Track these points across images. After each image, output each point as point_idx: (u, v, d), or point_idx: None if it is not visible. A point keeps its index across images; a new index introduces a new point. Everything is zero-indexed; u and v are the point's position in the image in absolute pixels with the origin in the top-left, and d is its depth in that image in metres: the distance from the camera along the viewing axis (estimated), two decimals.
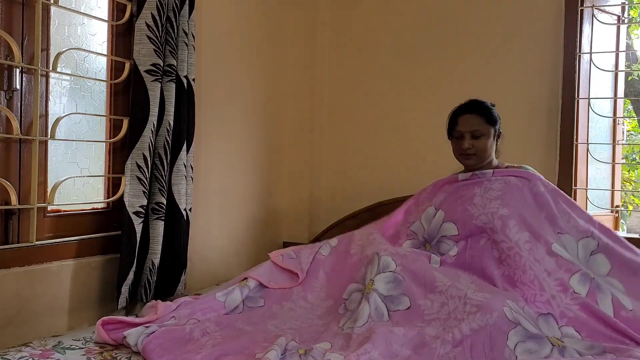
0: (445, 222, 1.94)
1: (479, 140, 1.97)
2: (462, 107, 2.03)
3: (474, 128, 1.96)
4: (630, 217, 2.82)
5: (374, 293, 1.72)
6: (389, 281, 1.76)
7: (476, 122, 1.97)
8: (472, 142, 1.97)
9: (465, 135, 1.97)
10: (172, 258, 2.08)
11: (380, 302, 1.71)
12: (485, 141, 1.98)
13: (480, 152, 1.98)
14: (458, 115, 2.02)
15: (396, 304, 1.72)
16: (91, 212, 2.00)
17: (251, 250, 2.75)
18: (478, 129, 1.96)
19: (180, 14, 2.04)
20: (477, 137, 1.97)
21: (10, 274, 1.67)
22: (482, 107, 2.00)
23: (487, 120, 1.98)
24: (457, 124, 2.00)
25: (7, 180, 1.69)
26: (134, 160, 1.93)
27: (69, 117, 1.89)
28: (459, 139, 2.00)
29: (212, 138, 2.43)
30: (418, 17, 2.82)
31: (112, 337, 1.60)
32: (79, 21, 1.95)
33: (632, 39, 4.06)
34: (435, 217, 1.98)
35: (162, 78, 1.98)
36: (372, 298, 1.71)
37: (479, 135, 1.97)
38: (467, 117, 1.99)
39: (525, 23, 2.61)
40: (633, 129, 4.22)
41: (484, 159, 2.00)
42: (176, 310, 1.75)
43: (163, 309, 1.74)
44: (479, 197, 1.92)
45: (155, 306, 1.79)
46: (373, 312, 1.68)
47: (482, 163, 2.01)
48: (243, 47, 2.63)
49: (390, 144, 2.87)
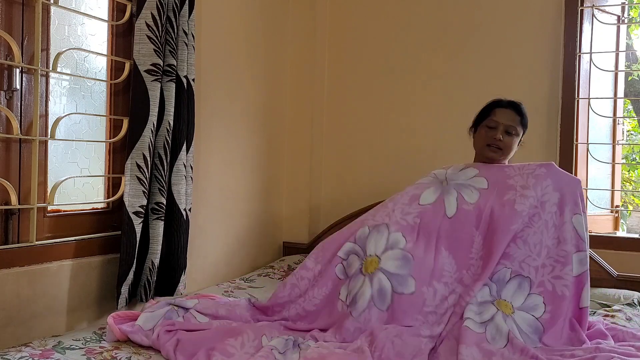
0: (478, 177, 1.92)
1: (511, 136, 1.96)
2: (502, 100, 2.01)
3: (510, 123, 1.95)
4: (630, 217, 2.83)
5: (379, 273, 1.73)
6: (397, 258, 1.77)
7: (513, 118, 1.96)
8: (505, 136, 1.95)
9: (500, 127, 1.95)
10: (172, 258, 2.08)
11: (386, 281, 1.72)
12: (515, 140, 1.98)
13: (507, 149, 1.97)
14: (496, 106, 1.99)
15: (402, 286, 1.72)
16: (91, 212, 2.00)
17: (251, 251, 2.75)
18: (514, 125, 1.95)
19: (180, 14, 2.04)
20: (509, 134, 1.96)
21: (10, 274, 1.67)
22: (520, 107, 2.00)
23: (522, 122, 1.98)
24: (494, 114, 1.97)
25: (7, 180, 1.69)
26: (133, 160, 1.93)
27: (69, 117, 1.89)
28: (492, 129, 1.96)
29: (212, 138, 2.43)
30: (418, 18, 2.82)
31: (123, 331, 1.63)
32: (78, 21, 1.95)
33: (632, 38, 4.05)
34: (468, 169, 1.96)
35: (162, 78, 1.98)
36: (375, 278, 1.72)
37: (512, 132, 1.96)
38: (506, 111, 1.97)
39: (525, 23, 2.61)
40: (633, 129, 4.22)
41: (507, 157, 2.00)
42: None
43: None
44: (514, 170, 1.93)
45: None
46: (375, 293, 1.70)
47: (503, 161, 2.00)
48: (243, 47, 2.63)
49: (390, 144, 2.87)
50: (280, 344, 1.54)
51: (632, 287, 2.23)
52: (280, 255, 2.94)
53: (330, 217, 2.91)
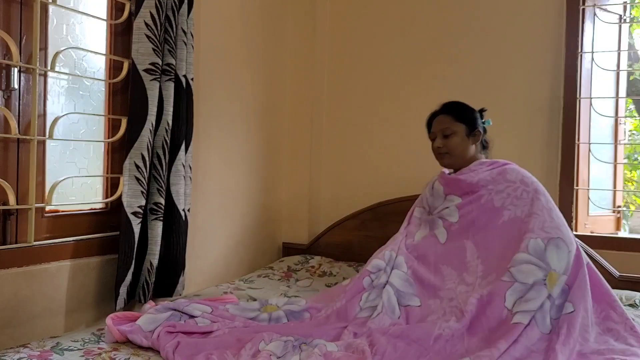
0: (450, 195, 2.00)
1: (449, 138, 1.99)
2: (435, 111, 2.08)
3: (443, 126, 2.00)
4: (632, 217, 2.82)
5: (387, 285, 1.85)
6: (402, 279, 1.88)
7: (445, 121, 2.00)
8: (443, 141, 2.00)
9: (437, 135, 2.01)
10: (171, 259, 2.07)
11: (392, 295, 1.82)
12: (456, 139, 1.99)
13: (452, 150, 1.99)
14: (431, 119, 2.07)
15: (408, 300, 1.83)
16: (89, 212, 1.99)
17: (250, 251, 2.74)
18: (447, 126, 1.99)
19: (179, 13, 2.03)
20: (447, 136, 1.99)
21: (8, 274, 1.66)
22: (449, 107, 2.04)
23: (456, 119, 2.00)
24: (431, 126, 2.07)
25: (5, 180, 1.68)
26: (132, 160, 1.92)
27: (67, 116, 1.88)
28: (433, 141, 2.05)
29: (211, 138, 2.42)
30: (419, 17, 2.81)
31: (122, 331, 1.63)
32: (77, 20, 1.94)
33: (633, 38, 4.04)
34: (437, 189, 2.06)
35: (160, 77, 1.97)
36: (385, 289, 1.83)
37: (449, 134, 1.99)
38: (437, 118, 2.04)
39: (526, 22, 2.60)
40: (635, 128, 4.20)
41: (460, 157, 2.00)
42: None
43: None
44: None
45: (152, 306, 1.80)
46: (386, 302, 1.79)
47: (457, 161, 2.01)
48: (242, 46, 2.62)
49: (390, 144, 2.86)
50: (278, 347, 1.52)
51: (634, 288, 2.22)
52: (280, 256, 2.93)
53: (330, 217, 2.90)
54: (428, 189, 2.10)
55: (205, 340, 1.61)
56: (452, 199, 1.98)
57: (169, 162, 2.04)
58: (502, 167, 1.96)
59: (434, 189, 2.06)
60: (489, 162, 2.00)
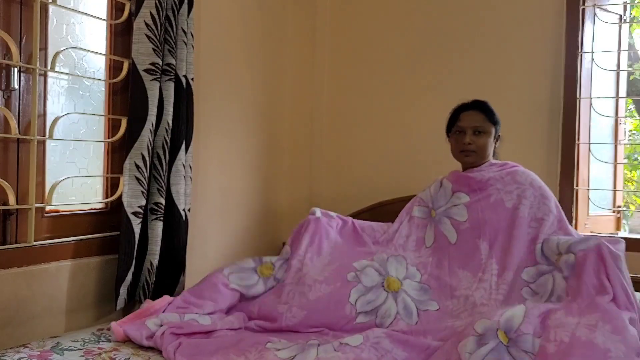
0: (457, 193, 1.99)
1: (480, 137, 1.97)
2: (465, 104, 2.03)
3: (476, 124, 1.96)
4: (632, 217, 2.81)
5: (402, 293, 1.83)
6: (416, 289, 1.87)
7: (479, 119, 1.97)
8: (473, 138, 1.96)
9: (467, 130, 1.97)
10: (171, 259, 2.07)
11: (410, 302, 1.82)
12: (486, 139, 1.98)
13: (480, 150, 1.97)
14: (460, 111, 2.02)
15: (425, 306, 1.83)
16: (89, 212, 1.99)
17: (251, 251, 2.73)
18: (481, 124, 1.97)
19: (179, 13, 2.03)
20: (478, 134, 1.96)
21: (8, 274, 1.66)
22: (485, 105, 2.01)
23: (489, 119, 1.98)
24: (459, 119, 2.01)
25: (5, 180, 1.68)
26: (132, 160, 1.92)
27: (67, 116, 1.88)
28: (460, 135, 1.99)
29: (212, 138, 2.42)
30: (418, 17, 2.81)
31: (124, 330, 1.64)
32: (77, 20, 1.94)
33: (633, 38, 4.04)
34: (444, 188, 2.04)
35: (161, 77, 1.97)
36: (400, 297, 1.82)
37: (480, 132, 1.96)
38: (470, 113, 1.99)
39: (526, 22, 2.59)
40: (635, 128, 4.20)
41: (483, 157, 2.00)
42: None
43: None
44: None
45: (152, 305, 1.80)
46: (401, 310, 1.78)
47: (479, 162, 2.00)
48: (242, 46, 2.62)
49: (390, 144, 2.86)
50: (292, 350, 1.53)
51: (634, 288, 2.21)
52: None
53: None
54: (435, 185, 2.08)
55: (207, 340, 1.61)
56: (460, 196, 1.97)
57: (169, 162, 2.04)
58: (512, 169, 1.96)
59: (443, 186, 2.04)
60: (499, 163, 2.01)
